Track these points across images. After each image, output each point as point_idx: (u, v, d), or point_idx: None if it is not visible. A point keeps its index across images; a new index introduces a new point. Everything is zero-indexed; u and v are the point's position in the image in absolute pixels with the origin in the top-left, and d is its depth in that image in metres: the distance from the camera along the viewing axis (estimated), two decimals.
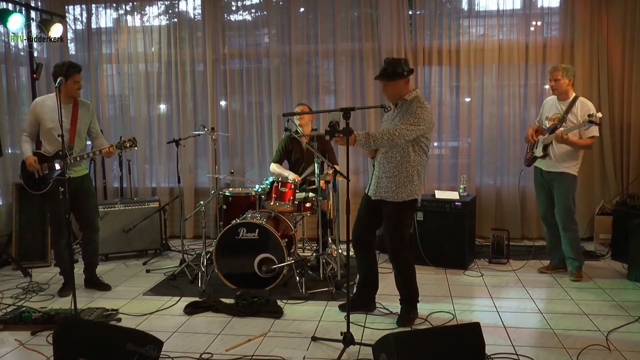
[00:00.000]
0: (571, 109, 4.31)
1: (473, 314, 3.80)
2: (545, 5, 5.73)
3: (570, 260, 4.49)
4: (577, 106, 4.31)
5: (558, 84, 4.34)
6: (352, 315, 3.42)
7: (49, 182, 4.14)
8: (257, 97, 6.11)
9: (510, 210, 5.85)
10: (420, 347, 2.63)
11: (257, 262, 4.22)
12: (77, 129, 4.17)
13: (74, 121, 4.15)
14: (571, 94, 4.37)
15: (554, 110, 4.44)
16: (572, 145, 4.26)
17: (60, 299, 4.17)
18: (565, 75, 4.30)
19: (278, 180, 4.49)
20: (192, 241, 6.09)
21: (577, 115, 4.26)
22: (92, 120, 4.30)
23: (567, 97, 4.37)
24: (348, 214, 3.16)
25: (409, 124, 3.35)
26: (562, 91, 4.35)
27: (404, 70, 3.43)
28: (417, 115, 3.37)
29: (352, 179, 5.26)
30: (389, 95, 3.55)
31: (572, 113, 4.31)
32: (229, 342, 3.34)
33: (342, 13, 5.87)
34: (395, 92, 3.49)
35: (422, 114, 3.38)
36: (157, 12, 6.27)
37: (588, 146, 4.36)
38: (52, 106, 4.03)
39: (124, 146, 4.10)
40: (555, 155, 4.37)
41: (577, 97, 4.36)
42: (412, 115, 3.37)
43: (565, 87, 4.34)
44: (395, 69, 3.42)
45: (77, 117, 4.17)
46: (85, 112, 4.24)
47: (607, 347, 3.17)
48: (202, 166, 6.38)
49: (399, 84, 3.46)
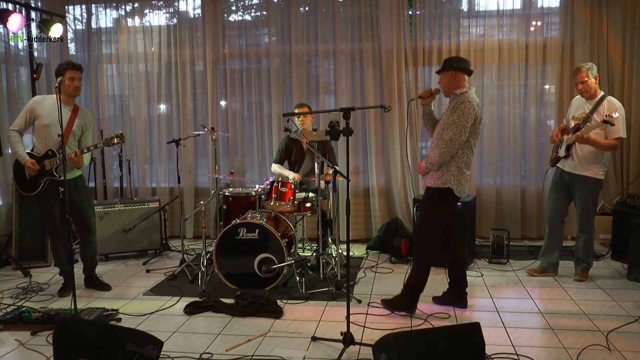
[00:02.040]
0: (597, 109, 4.19)
1: (473, 314, 3.80)
2: (545, 5, 5.73)
3: (578, 260, 4.48)
4: (604, 105, 4.18)
5: (586, 85, 4.21)
6: (352, 315, 3.42)
7: (39, 183, 4.13)
8: (257, 97, 6.11)
9: (510, 210, 5.84)
10: (420, 347, 2.63)
11: (257, 262, 4.22)
12: (72, 131, 4.17)
13: (70, 123, 4.15)
14: (598, 93, 4.26)
15: (580, 110, 4.33)
16: (594, 145, 4.13)
17: (60, 299, 4.18)
18: (590, 75, 4.20)
19: (278, 180, 4.49)
20: (192, 241, 6.09)
21: (603, 115, 4.11)
22: (86, 130, 4.27)
23: (595, 97, 4.25)
24: (348, 213, 3.17)
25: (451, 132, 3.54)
26: (592, 92, 4.23)
27: (452, 64, 3.67)
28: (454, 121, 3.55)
29: (352, 179, 5.26)
30: (443, 87, 3.77)
31: (597, 112, 4.18)
32: (229, 342, 3.34)
33: (342, 13, 5.87)
34: (445, 84, 3.72)
35: (460, 117, 3.53)
36: (157, 12, 6.27)
37: (612, 147, 4.21)
38: (52, 105, 4.04)
39: (112, 142, 4.08)
40: (578, 157, 4.27)
41: (605, 97, 4.24)
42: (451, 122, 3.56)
43: (594, 86, 4.23)
44: (446, 62, 3.71)
45: (74, 121, 4.19)
46: (82, 119, 4.24)
47: (607, 347, 3.17)
48: (202, 166, 6.38)
49: (447, 76, 3.69)
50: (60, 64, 4.15)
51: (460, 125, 3.53)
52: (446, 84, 3.71)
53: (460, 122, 3.53)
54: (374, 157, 5.91)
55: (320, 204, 4.56)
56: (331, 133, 3.24)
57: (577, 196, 4.36)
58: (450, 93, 3.72)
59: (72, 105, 4.21)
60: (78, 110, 4.24)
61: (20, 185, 4.21)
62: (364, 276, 4.70)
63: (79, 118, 4.22)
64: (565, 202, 4.50)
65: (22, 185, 4.19)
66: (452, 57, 3.76)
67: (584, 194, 4.31)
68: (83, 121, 4.24)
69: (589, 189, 4.29)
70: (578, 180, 4.31)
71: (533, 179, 5.80)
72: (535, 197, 5.80)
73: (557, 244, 4.56)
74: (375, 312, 3.80)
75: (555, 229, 4.54)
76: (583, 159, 4.24)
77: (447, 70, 3.68)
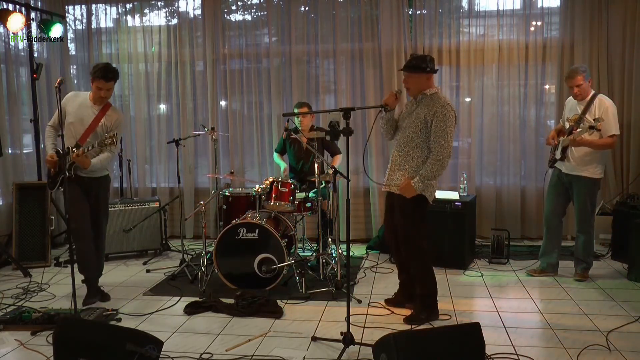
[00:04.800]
0: (589, 109, 4.19)
1: (473, 314, 3.80)
2: (545, 5, 5.73)
3: (578, 260, 4.48)
4: (595, 105, 4.18)
5: (581, 89, 4.20)
6: (352, 316, 3.41)
7: (57, 180, 4.04)
8: (257, 97, 6.11)
9: (510, 210, 5.84)
10: (420, 347, 2.63)
11: (257, 262, 4.22)
12: (95, 131, 4.01)
13: (94, 122, 3.99)
14: (590, 93, 4.24)
15: (573, 111, 4.32)
16: (589, 145, 4.12)
17: (60, 299, 4.17)
18: (585, 79, 4.18)
19: (278, 180, 4.49)
20: (192, 241, 6.09)
21: (595, 115, 4.11)
22: (110, 132, 3.99)
23: (586, 97, 4.24)
24: (348, 213, 3.17)
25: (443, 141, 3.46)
26: (584, 94, 4.22)
27: (426, 65, 3.57)
28: (443, 128, 3.47)
29: (352, 179, 5.26)
30: (410, 88, 3.65)
31: (589, 113, 4.18)
32: (229, 342, 3.34)
33: (342, 13, 5.87)
34: (416, 84, 3.61)
35: (447, 124, 3.47)
36: (157, 12, 6.27)
37: (609, 145, 4.19)
38: (80, 102, 4.00)
39: (104, 143, 3.85)
40: (574, 158, 4.26)
41: (596, 95, 4.23)
42: (440, 130, 3.47)
43: (588, 89, 4.23)
44: (418, 63, 3.57)
45: (100, 120, 4.02)
46: (110, 119, 4.05)
47: (607, 347, 3.17)
48: (202, 166, 6.38)
49: (421, 78, 3.58)
50: (94, 67, 3.95)
51: (449, 133, 3.47)
52: (417, 84, 3.61)
53: (448, 128, 3.47)
54: (374, 157, 5.91)
55: (321, 204, 4.57)
56: (331, 133, 3.24)
57: (575, 196, 4.36)
58: (419, 93, 3.62)
59: (102, 104, 4.04)
60: (107, 110, 4.05)
61: (48, 180, 4.13)
62: (364, 276, 4.71)
63: (106, 118, 4.04)
64: (564, 203, 4.50)
65: (49, 180, 4.10)
66: (420, 55, 3.61)
67: (582, 194, 4.31)
68: (110, 122, 4.06)
69: (587, 189, 4.29)
70: (576, 180, 4.31)
71: (533, 179, 5.79)
72: (535, 197, 5.79)
73: (556, 245, 4.56)
74: (375, 312, 3.80)
75: (553, 229, 4.54)
76: (580, 160, 4.25)
77: (422, 71, 3.57)
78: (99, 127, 4.03)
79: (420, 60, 3.58)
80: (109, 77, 3.92)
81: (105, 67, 3.93)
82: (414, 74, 3.58)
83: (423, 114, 3.52)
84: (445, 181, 5.91)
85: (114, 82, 4.00)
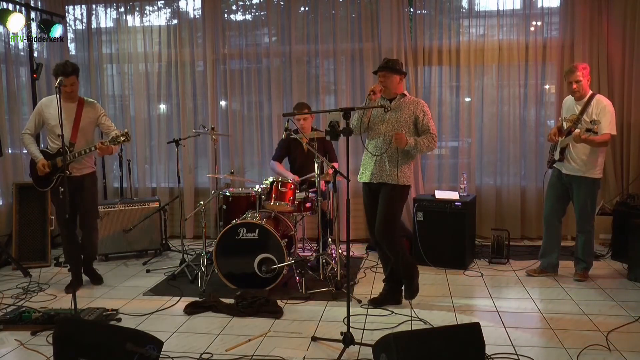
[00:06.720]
0: (586, 109, 4.18)
1: (473, 314, 3.80)
2: (545, 5, 5.73)
3: (578, 260, 4.48)
4: (593, 105, 4.17)
5: (579, 86, 4.18)
6: (352, 316, 3.41)
7: (52, 179, 4.24)
8: (257, 97, 6.11)
9: (510, 210, 5.84)
10: (420, 347, 2.63)
11: (257, 262, 4.22)
12: (80, 127, 4.24)
13: (77, 119, 4.23)
14: (588, 92, 4.23)
15: (571, 111, 4.31)
16: (590, 143, 4.09)
17: (60, 299, 4.18)
18: (584, 76, 4.17)
19: (278, 180, 4.49)
20: (192, 241, 6.09)
21: (592, 116, 4.11)
22: (98, 117, 4.36)
23: (584, 97, 4.22)
24: (348, 213, 3.17)
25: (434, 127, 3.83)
26: (582, 92, 4.20)
27: (400, 68, 3.86)
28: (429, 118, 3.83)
29: (352, 179, 5.25)
30: (388, 87, 3.80)
31: (587, 113, 4.17)
32: (229, 342, 3.34)
33: (342, 13, 5.87)
34: (393, 85, 3.82)
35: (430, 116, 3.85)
36: (157, 12, 6.27)
37: (605, 142, 4.18)
38: (56, 104, 4.06)
39: (117, 141, 4.16)
40: (573, 159, 4.26)
41: (593, 96, 4.21)
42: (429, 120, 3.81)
43: (586, 87, 4.21)
44: (394, 65, 3.81)
45: (81, 115, 4.25)
46: (90, 110, 4.32)
47: (607, 347, 3.17)
48: (202, 166, 6.38)
49: (396, 79, 3.81)
50: (55, 66, 4.15)
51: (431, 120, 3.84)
52: (394, 85, 3.81)
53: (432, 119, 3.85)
54: None
55: (320, 204, 4.57)
56: (331, 133, 3.24)
57: (575, 197, 4.36)
58: (395, 94, 3.83)
59: (76, 100, 4.26)
60: (84, 103, 4.29)
61: (35, 182, 4.32)
62: (364, 276, 4.71)
63: (86, 109, 4.28)
64: (563, 203, 4.50)
65: (37, 182, 4.31)
66: (393, 59, 3.86)
67: (582, 194, 4.31)
68: (91, 112, 4.32)
69: (587, 189, 4.29)
70: (576, 181, 4.31)
71: (533, 179, 5.79)
72: (535, 197, 5.79)
73: (556, 245, 4.55)
74: (375, 312, 3.80)
75: (552, 229, 4.54)
76: (579, 161, 4.25)
77: (399, 74, 3.81)
78: (83, 122, 4.25)
79: (395, 62, 3.83)
80: (68, 71, 4.07)
81: (63, 63, 4.13)
82: (393, 75, 3.79)
83: (411, 113, 3.77)
84: (445, 181, 5.91)
85: (75, 76, 4.17)
